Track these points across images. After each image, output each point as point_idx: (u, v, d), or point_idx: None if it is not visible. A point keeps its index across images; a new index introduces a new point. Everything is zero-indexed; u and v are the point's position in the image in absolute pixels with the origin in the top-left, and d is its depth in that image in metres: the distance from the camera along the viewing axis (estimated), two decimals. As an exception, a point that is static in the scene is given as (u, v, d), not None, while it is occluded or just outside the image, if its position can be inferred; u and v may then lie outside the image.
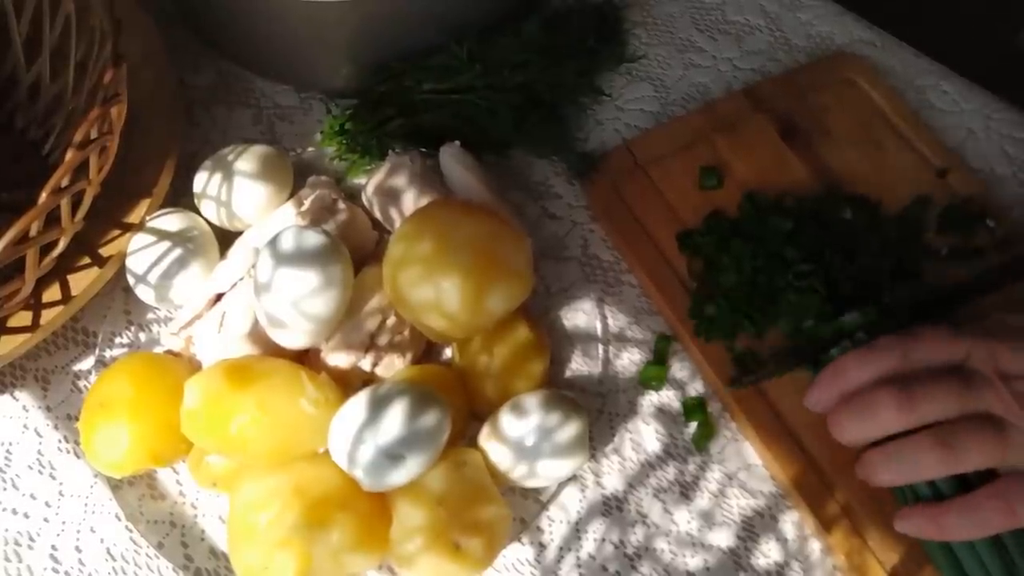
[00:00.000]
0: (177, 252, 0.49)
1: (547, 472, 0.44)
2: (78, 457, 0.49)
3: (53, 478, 0.49)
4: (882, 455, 0.43)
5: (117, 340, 0.52)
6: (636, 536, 0.47)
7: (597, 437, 0.49)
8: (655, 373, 0.50)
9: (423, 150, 0.54)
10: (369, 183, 0.53)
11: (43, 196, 0.42)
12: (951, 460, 0.41)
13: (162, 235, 0.50)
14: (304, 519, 0.40)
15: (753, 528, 0.47)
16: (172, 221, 0.50)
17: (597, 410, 0.50)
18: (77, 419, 0.48)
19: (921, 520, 0.42)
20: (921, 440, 0.42)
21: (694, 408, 0.49)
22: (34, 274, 0.46)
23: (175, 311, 0.52)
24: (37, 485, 0.49)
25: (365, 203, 0.54)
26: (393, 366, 0.47)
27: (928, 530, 0.42)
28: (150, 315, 0.53)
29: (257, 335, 0.47)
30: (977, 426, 0.41)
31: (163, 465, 0.48)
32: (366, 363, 0.46)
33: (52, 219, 0.45)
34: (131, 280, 0.50)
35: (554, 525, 0.47)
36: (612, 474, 0.48)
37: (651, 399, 0.50)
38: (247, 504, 0.42)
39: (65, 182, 0.43)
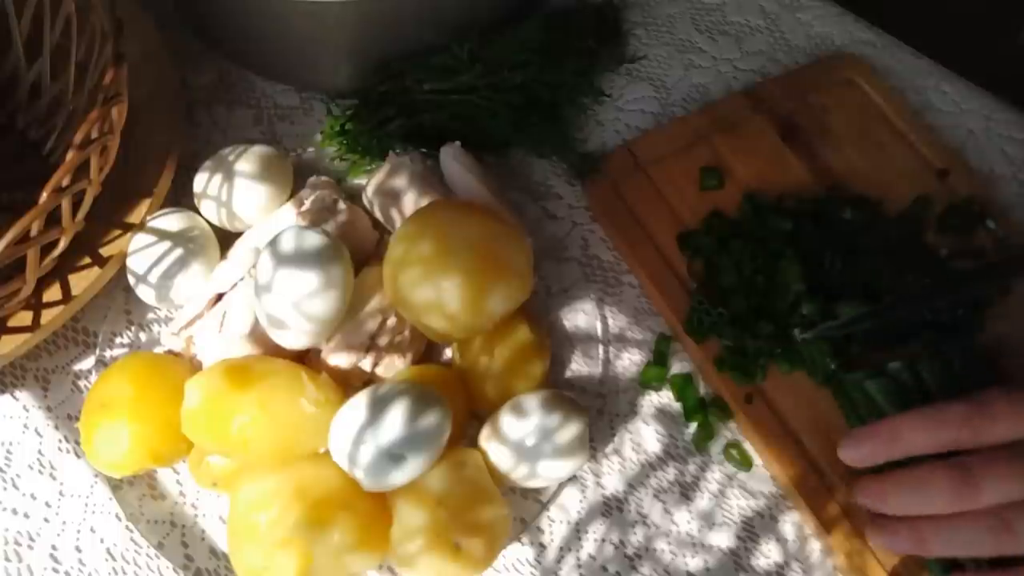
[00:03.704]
0: (178, 252, 0.49)
1: (547, 472, 0.44)
2: (78, 457, 0.49)
3: (53, 478, 0.49)
4: (930, 528, 0.40)
5: (117, 340, 0.52)
6: (636, 537, 0.47)
7: (597, 438, 0.49)
8: (655, 374, 0.50)
9: (423, 150, 0.54)
10: (369, 183, 0.53)
11: (44, 196, 0.42)
12: (1009, 544, 0.38)
13: (163, 235, 0.50)
14: (305, 519, 0.40)
15: (753, 529, 0.47)
16: (173, 221, 0.50)
17: (597, 411, 0.50)
18: (77, 419, 0.48)
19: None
20: (976, 523, 0.39)
21: (694, 409, 0.50)
22: (35, 274, 0.46)
23: (176, 311, 0.52)
24: (37, 485, 0.49)
25: (365, 203, 0.54)
26: (394, 366, 0.47)
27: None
28: (150, 315, 0.53)
29: (258, 335, 0.47)
30: None
31: (163, 465, 0.48)
32: (367, 363, 0.46)
33: (53, 219, 0.45)
34: (132, 280, 0.50)
35: (554, 525, 0.47)
36: (612, 475, 0.48)
37: (651, 400, 0.51)
38: (248, 504, 0.42)
39: (66, 182, 0.43)
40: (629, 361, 0.52)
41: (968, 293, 0.48)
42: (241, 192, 0.51)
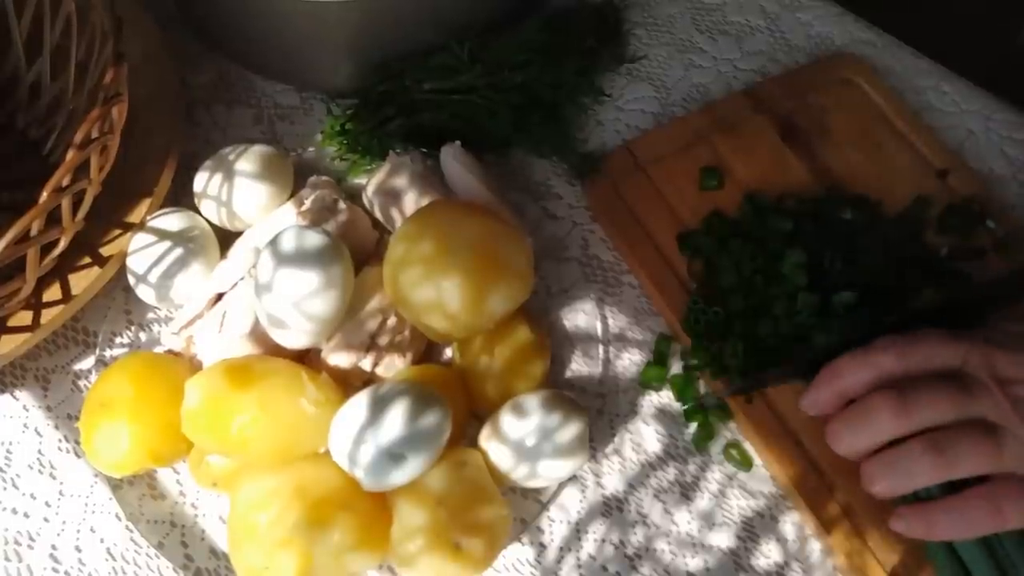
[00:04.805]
0: (178, 252, 0.49)
1: (547, 472, 0.44)
2: (78, 457, 0.49)
3: (53, 478, 0.49)
4: (877, 464, 0.43)
5: (117, 340, 0.52)
6: (636, 537, 0.47)
7: (597, 438, 0.49)
8: (655, 374, 0.50)
9: (423, 150, 0.54)
10: (370, 183, 0.53)
11: (44, 195, 0.42)
12: (944, 466, 0.41)
13: (163, 235, 0.50)
14: (305, 519, 0.40)
15: (753, 529, 0.47)
16: (173, 221, 0.50)
17: (597, 411, 0.50)
18: (77, 419, 0.48)
19: (912, 518, 0.42)
20: (914, 446, 0.41)
21: (694, 409, 0.50)
22: (35, 273, 0.46)
23: (176, 311, 0.52)
24: (37, 485, 0.49)
25: (366, 203, 0.54)
26: (394, 366, 0.47)
27: (918, 529, 0.42)
28: (150, 315, 0.53)
29: (258, 335, 0.47)
30: (972, 432, 0.41)
31: (163, 465, 0.48)
32: (367, 363, 0.46)
33: (53, 219, 0.45)
34: (132, 280, 0.50)
35: (554, 525, 0.47)
36: (612, 475, 0.48)
37: (651, 400, 0.51)
38: (248, 504, 0.42)
39: (66, 181, 0.43)
40: (629, 361, 0.52)
41: (982, 302, 0.48)
42: (241, 192, 0.51)
